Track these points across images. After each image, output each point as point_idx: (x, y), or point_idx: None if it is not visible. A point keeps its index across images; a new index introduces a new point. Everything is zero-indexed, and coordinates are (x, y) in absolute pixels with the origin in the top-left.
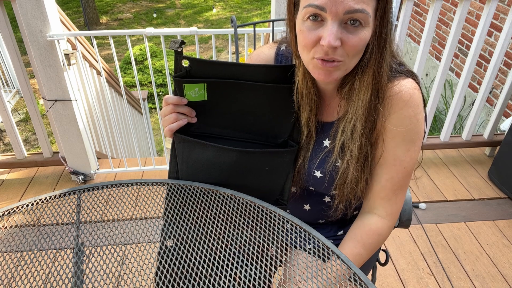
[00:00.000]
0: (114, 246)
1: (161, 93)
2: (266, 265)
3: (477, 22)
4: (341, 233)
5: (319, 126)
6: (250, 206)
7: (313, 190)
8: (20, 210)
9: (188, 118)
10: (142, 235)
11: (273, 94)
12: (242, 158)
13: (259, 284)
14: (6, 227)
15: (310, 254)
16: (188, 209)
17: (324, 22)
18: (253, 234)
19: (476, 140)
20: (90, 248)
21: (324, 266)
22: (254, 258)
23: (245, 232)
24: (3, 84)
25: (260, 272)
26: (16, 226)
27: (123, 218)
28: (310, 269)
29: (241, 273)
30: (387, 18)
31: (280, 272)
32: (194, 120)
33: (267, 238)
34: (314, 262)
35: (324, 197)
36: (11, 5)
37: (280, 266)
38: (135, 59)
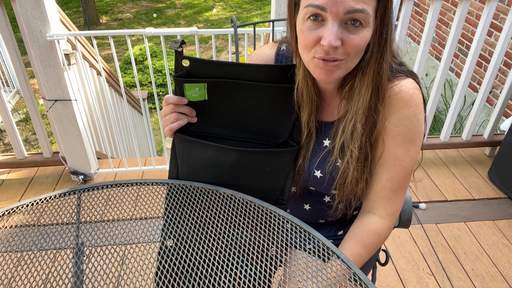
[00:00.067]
0: (114, 246)
1: (161, 93)
2: (266, 265)
3: (477, 22)
4: (341, 233)
5: (319, 126)
6: (250, 206)
7: (313, 190)
8: (20, 210)
9: (188, 118)
10: (142, 235)
11: (273, 94)
12: (243, 158)
13: (259, 284)
14: (6, 227)
15: (310, 254)
16: (188, 209)
17: (324, 22)
18: (253, 234)
19: (476, 140)
20: (90, 248)
21: (324, 266)
22: (254, 258)
23: (245, 232)
24: (3, 84)
25: (260, 272)
26: (16, 226)
27: (123, 218)
28: (310, 269)
29: (241, 273)
30: (388, 18)
31: (280, 272)
32: (195, 120)
33: (267, 238)
34: (314, 262)
35: (324, 196)
36: (11, 5)
37: (280, 266)
38: (135, 59)
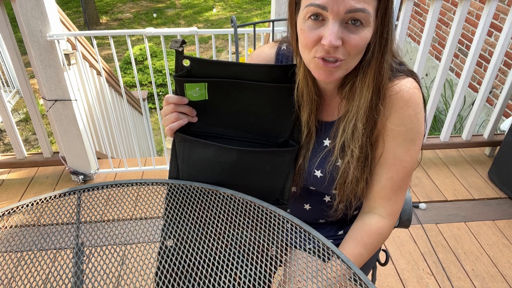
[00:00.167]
0: (114, 246)
1: (161, 93)
2: (266, 265)
3: (477, 22)
4: (341, 233)
5: (320, 126)
6: (250, 206)
7: (313, 189)
8: (20, 210)
9: (188, 118)
10: (142, 235)
11: (274, 93)
12: (243, 158)
13: (259, 284)
14: (6, 227)
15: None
16: (188, 209)
17: (325, 21)
18: (253, 234)
19: (476, 140)
20: (90, 248)
21: (324, 266)
22: (254, 258)
23: (245, 232)
24: (3, 84)
25: (260, 272)
26: (16, 226)
27: (123, 218)
28: (310, 269)
29: (241, 273)
30: (388, 17)
31: (280, 272)
32: (195, 119)
33: (267, 238)
34: (314, 262)
35: (324, 196)
36: (11, 5)
37: (280, 266)
38: (135, 59)
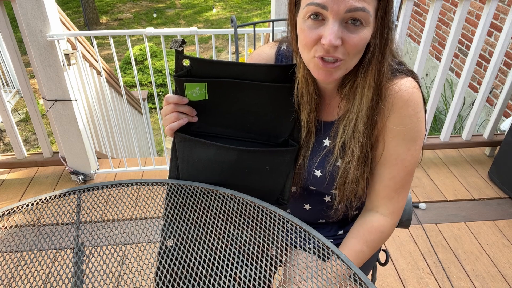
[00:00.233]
0: (114, 246)
1: (161, 93)
2: (266, 265)
3: (477, 22)
4: (341, 232)
5: (319, 126)
6: (250, 206)
7: (313, 189)
8: (20, 210)
9: (188, 118)
10: (142, 235)
11: (274, 93)
12: (243, 157)
13: (259, 284)
14: (6, 227)
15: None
16: (188, 209)
17: (325, 21)
18: (253, 234)
19: (476, 140)
20: (90, 248)
21: (324, 266)
22: (254, 258)
23: (245, 232)
24: (3, 84)
25: (260, 272)
26: (16, 226)
27: (123, 218)
28: (310, 269)
29: (241, 273)
30: (388, 17)
31: (280, 272)
32: (195, 119)
33: (267, 238)
34: (314, 262)
35: (324, 196)
36: (11, 5)
37: (280, 266)
38: (135, 59)
